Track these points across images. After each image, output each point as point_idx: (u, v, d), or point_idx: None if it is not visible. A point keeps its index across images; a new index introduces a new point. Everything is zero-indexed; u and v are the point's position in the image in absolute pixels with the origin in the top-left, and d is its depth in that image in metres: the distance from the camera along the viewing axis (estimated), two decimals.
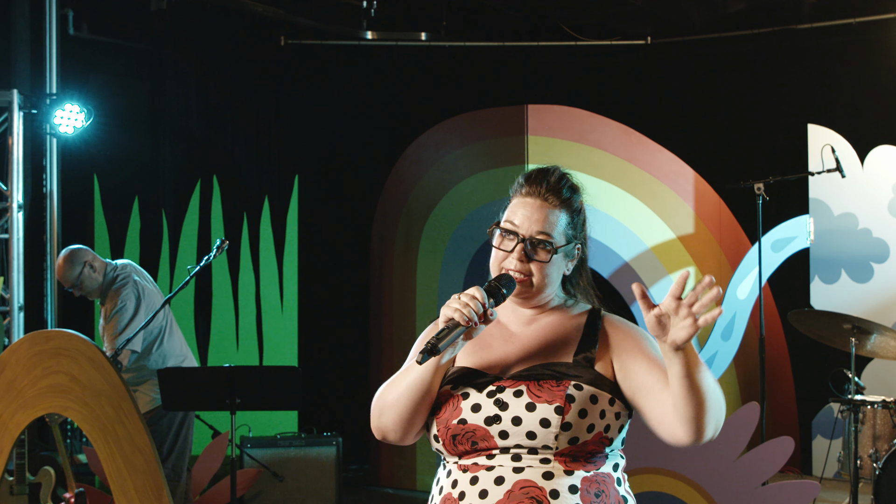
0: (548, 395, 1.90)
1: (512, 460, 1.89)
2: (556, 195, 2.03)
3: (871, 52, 7.09)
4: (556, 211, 2.02)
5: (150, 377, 4.86)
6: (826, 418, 6.65)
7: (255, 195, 7.25)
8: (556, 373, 1.94)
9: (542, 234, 2.00)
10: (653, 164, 6.82)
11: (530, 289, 2.01)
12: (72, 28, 6.92)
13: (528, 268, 2.00)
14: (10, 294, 6.02)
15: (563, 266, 2.05)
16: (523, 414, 1.89)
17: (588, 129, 6.77)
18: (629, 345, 2.00)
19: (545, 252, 1.99)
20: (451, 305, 1.91)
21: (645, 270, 6.82)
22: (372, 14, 7.07)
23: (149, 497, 2.60)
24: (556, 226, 2.01)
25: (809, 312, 5.40)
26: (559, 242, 2.01)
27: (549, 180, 2.04)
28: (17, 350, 2.70)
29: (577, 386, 1.91)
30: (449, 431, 1.93)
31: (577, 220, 2.06)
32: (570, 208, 2.05)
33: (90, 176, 6.67)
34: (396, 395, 1.98)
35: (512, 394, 1.92)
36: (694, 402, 1.83)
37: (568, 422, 1.88)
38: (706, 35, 7.69)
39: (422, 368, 1.93)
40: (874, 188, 6.59)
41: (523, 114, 6.64)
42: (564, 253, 2.03)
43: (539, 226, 2.00)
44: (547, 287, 2.02)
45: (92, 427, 2.64)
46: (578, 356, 1.97)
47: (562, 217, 2.03)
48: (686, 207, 6.86)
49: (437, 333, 1.88)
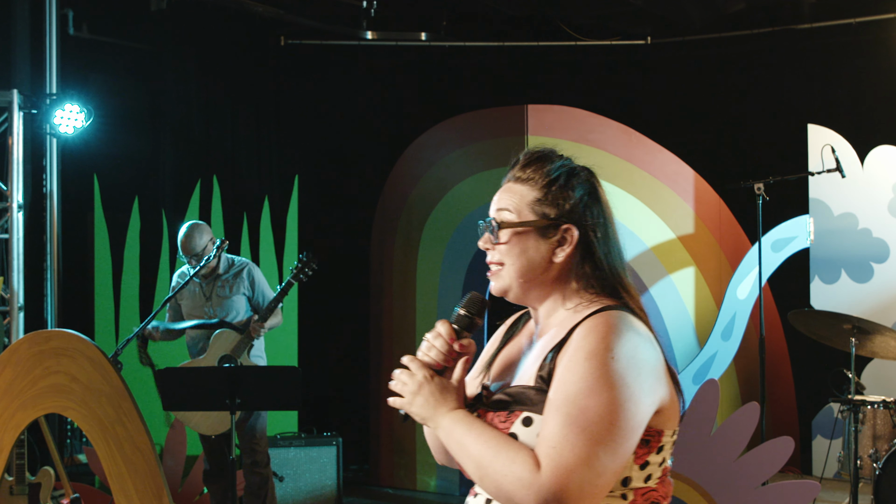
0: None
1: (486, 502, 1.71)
2: (520, 169, 1.77)
3: (871, 52, 7.09)
4: (516, 186, 1.76)
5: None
6: (826, 418, 6.65)
7: (255, 195, 7.25)
8: (512, 401, 1.67)
9: (498, 212, 1.75)
10: (653, 164, 6.82)
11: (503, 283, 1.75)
12: (72, 28, 6.91)
13: (497, 255, 1.74)
14: (10, 294, 6.02)
15: (543, 253, 1.72)
16: None
17: (588, 129, 6.77)
18: (561, 367, 1.61)
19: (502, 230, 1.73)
20: (421, 349, 1.74)
21: (645, 270, 6.82)
22: (372, 14, 7.06)
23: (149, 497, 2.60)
24: (515, 200, 1.74)
25: (809, 312, 5.40)
26: (513, 218, 1.73)
27: (518, 159, 1.79)
28: (17, 350, 2.70)
29: (526, 420, 1.62)
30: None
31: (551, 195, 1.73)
32: (538, 180, 1.74)
33: (90, 176, 6.67)
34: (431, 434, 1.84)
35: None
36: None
37: None
38: (706, 35, 7.69)
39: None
40: (874, 188, 6.59)
41: (523, 114, 6.64)
42: (538, 232, 1.72)
43: (497, 205, 1.76)
44: (522, 277, 1.73)
45: (92, 427, 2.64)
46: (539, 376, 1.66)
47: (524, 191, 1.74)
48: (686, 207, 6.86)
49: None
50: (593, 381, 1.55)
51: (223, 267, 5.21)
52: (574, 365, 1.58)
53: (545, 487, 1.52)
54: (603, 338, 1.59)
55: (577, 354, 1.59)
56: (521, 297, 1.76)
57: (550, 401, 1.58)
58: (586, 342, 1.59)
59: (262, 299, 5.20)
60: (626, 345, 1.60)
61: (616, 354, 1.57)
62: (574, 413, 1.54)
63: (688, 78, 7.88)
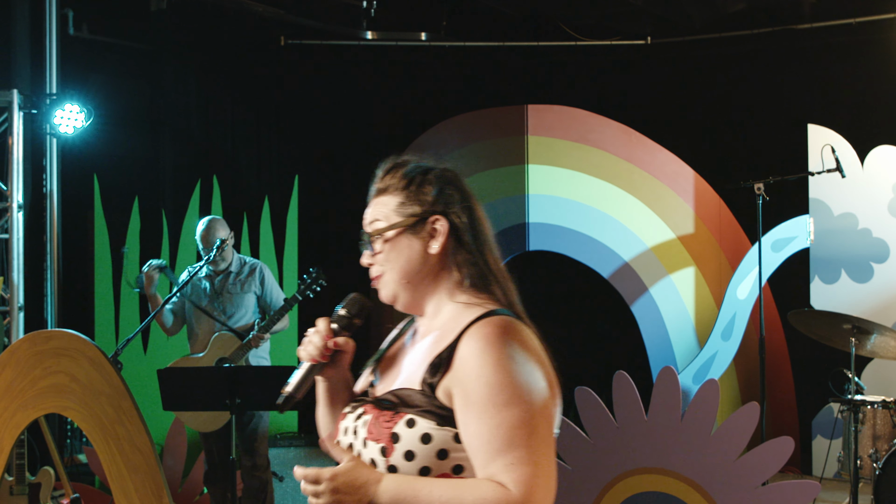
0: (377, 432, 1.69)
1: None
2: (380, 182, 1.87)
3: (871, 52, 7.09)
4: (379, 198, 1.85)
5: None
6: (826, 418, 6.64)
7: (255, 195, 7.25)
8: (397, 402, 1.71)
9: (369, 225, 1.85)
10: (653, 164, 6.82)
11: (388, 290, 1.84)
12: (72, 28, 6.92)
13: (377, 267, 1.85)
14: (10, 294, 6.02)
15: (418, 248, 1.80)
16: (362, 449, 1.73)
17: (588, 129, 6.77)
18: (470, 386, 1.65)
19: (374, 242, 1.83)
20: (302, 344, 1.85)
21: (645, 270, 6.82)
22: (372, 14, 7.06)
23: (149, 497, 2.60)
24: (381, 210, 1.83)
25: (809, 312, 5.40)
26: (390, 221, 1.81)
27: (374, 179, 1.89)
28: (17, 350, 2.70)
29: (409, 422, 1.67)
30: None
31: (412, 195, 1.81)
32: (396, 186, 1.83)
33: (90, 176, 6.67)
34: (322, 431, 1.95)
35: (362, 423, 1.75)
36: None
37: (392, 465, 1.66)
38: (706, 35, 7.69)
39: (319, 406, 1.88)
40: (874, 188, 6.59)
41: (523, 114, 6.64)
42: (409, 232, 1.80)
43: (366, 220, 1.86)
44: (405, 279, 1.81)
45: (92, 427, 2.64)
46: (424, 381, 1.71)
47: (387, 200, 1.83)
48: (686, 207, 6.86)
49: (292, 376, 1.83)
50: (512, 392, 1.62)
51: (236, 265, 5.23)
52: (481, 382, 1.63)
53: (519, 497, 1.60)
54: (499, 348, 1.65)
55: (482, 371, 1.63)
56: (408, 300, 1.83)
57: (475, 424, 1.62)
58: (484, 357, 1.64)
59: (270, 299, 5.22)
60: (521, 348, 1.67)
61: (518, 360, 1.65)
62: (509, 429, 1.61)
63: (688, 78, 7.88)
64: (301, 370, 1.84)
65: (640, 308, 6.94)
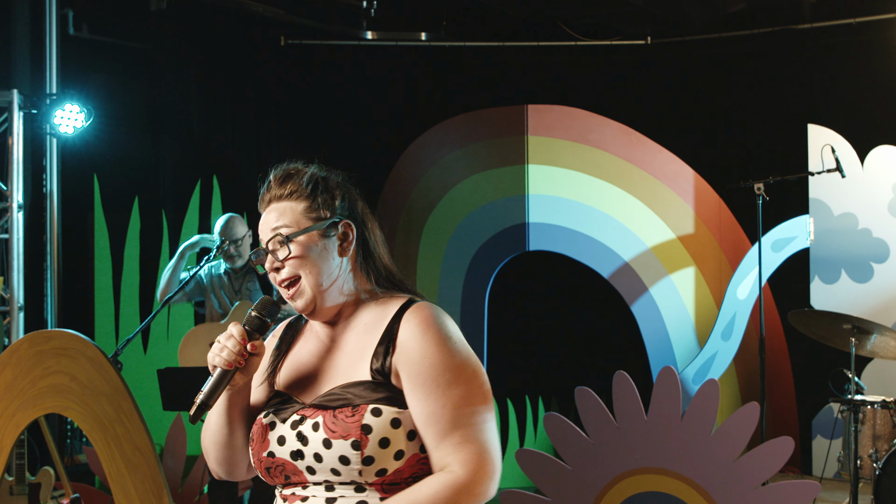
0: (342, 429, 1.71)
1: (325, 490, 1.77)
2: (278, 188, 1.88)
3: (871, 52, 7.09)
4: (281, 204, 1.86)
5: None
6: (826, 418, 6.65)
7: (255, 195, 7.23)
8: (352, 396, 1.74)
9: (275, 231, 1.83)
10: (653, 164, 6.82)
11: (307, 295, 1.82)
12: (72, 28, 6.92)
13: (289, 271, 1.82)
14: (10, 294, 6.02)
15: (332, 249, 1.84)
16: (322, 451, 1.73)
17: (588, 129, 6.77)
18: (415, 367, 1.73)
19: (284, 246, 1.81)
20: (213, 351, 1.82)
21: (645, 270, 6.82)
22: (372, 14, 7.07)
23: (149, 497, 2.60)
24: (288, 215, 1.84)
25: (809, 312, 5.40)
26: (299, 226, 1.82)
27: (269, 183, 1.90)
28: (17, 350, 2.70)
29: (374, 411, 1.71)
30: (262, 464, 1.83)
31: (317, 200, 1.86)
32: (300, 192, 1.86)
33: (90, 176, 6.67)
34: (208, 440, 1.91)
35: (311, 426, 1.75)
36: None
37: (369, 456, 1.70)
38: (706, 35, 7.69)
39: (213, 414, 1.86)
40: (874, 188, 6.59)
41: (523, 114, 6.64)
42: (320, 234, 1.83)
43: (271, 225, 1.85)
44: (322, 281, 1.82)
45: (92, 427, 2.64)
46: (374, 370, 1.76)
47: (292, 205, 1.85)
48: (686, 207, 6.86)
49: (205, 385, 1.81)
50: (455, 373, 1.73)
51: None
52: (426, 363, 1.72)
53: (467, 477, 1.69)
54: (437, 329, 1.75)
55: (425, 352, 1.73)
56: (324, 305, 1.83)
57: (423, 405, 1.71)
58: (426, 338, 1.73)
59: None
60: (454, 330, 1.78)
61: (455, 340, 1.76)
62: (453, 408, 1.71)
63: (688, 78, 7.88)
64: (214, 377, 1.81)
65: (640, 308, 6.94)
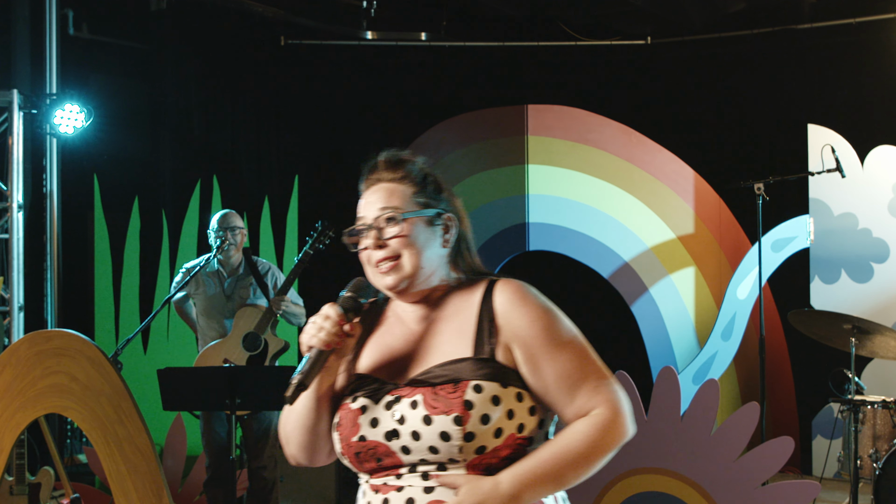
0: (444, 405, 1.72)
1: (421, 479, 1.76)
2: (389, 171, 1.91)
3: (871, 52, 7.09)
4: (392, 185, 1.89)
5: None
6: (826, 418, 6.65)
7: (255, 195, 7.25)
8: (453, 374, 1.76)
9: (385, 210, 1.86)
10: (653, 164, 6.82)
11: (404, 273, 1.84)
12: (72, 28, 6.92)
13: (392, 249, 1.84)
14: (10, 294, 6.02)
15: (435, 238, 1.87)
16: (421, 428, 1.73)
17: (588, 129, 6.78)
18: (529, 335, 1.79)
19: (395, 224, 1.84)
20: (308, 331, 1.81)
21: (645, 270, 6.82)
22: (372, 14, 7.07)
23: (149, 497, 2.60)
24: (398, 197, 1.87)
25: (809, 312, 5.40)
26: (408, 209, 1.85)
27: (377, 164, 1.94)
28: (17, 350, 2.70)
29: (476, 388, 1.73)
30: (351, 449, 1.82)
31: (427, 188, 1.89)
32: (412, 178, 1.90)
33: (90, 176, 6.67)
34: (292, 424, 1.90)
35: (409, 405, 1.76)
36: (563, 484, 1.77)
37: (470, 432, 1.71)
38: (706, 35, 7.69)
39: (300, 397, 1.82)
40: (874, 188, 6.59)
41: (523, 114, 6.64)
42: (427, 221, 1.86)
43: (380, 204, 1.87)
44: (423, 264, 1.84)
45: (92, 427, 2.64)
46: (478, 347, 1.79)
47: (403, 188, 1.88)
48: (686, 207, 6.86)
49: (301, 366, 1.78)
50: (565, 330, 1.80)
51: (245, 269, 5.16)
52: (536, 329, 1.78)
53: (613, 414, 1.77)
54: (533, 297, 1.82)
55: (533, 320, 1.78)
56: (414, 289, 1.86)
57: (550, 367, 1.77)
58: (527, 308, 1.79)
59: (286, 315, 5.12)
60: (544, 296, 1.85)
61: (550, 303, 1.83)
62: (578, 361, 1.79)
63: (688, 78, 7.88)
64: (311, 357, 1.80)
65: (640, 308, 6.94)
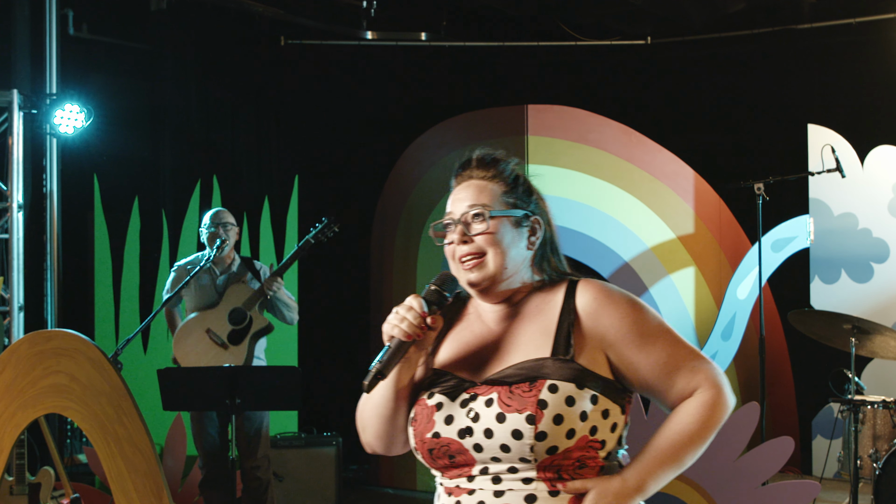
0: (518, 403, 1.73)
1: (492, 483, 1.76)
2: (481, 169, 1.91)
3: (871, 52, 7.09)
4: (482, 182, 1.89)
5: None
6: (826, 418, 6.65)
7: (255, 195, 7.25)
8: (529, 373, 1.76)
9: (473, 206, 1.86)
10: (653, 164, 6.82)
11: (488, 271, 1.83)
12: (72, 28, 6.92)
13: (477, 246, 1.84)
14: (10, 294, 6.02)
15: (521, 239, 1.87)
16: (494, 426, 1.73)
17: (588, 129, 6.77)
18: (621, 332, 1.81)
19: (482, 221, 1.84)
20: (390, 321, 1.82)
21: (645, 270, 6.82)
22: (372, 14, 7.07)
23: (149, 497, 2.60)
24: (487, 195, 1.87)
25: (809, 312, 5.40)
26: (496, 207, 1.85)
27: (470, 161, 1.94)
28: (17, 350, 2.70)
29: (551, 387, 1.73)
30: (425, 445, 1.81)
31: (517, 189, 1.90)
32: (503, 177, 1.90)
33: (90, 176, 6.67)
34: (369, 412, 1.92)
35: (484, 403, 1.76)
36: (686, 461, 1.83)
37: (542, 431, 1.70)
38: (706, 35, 7.69)
39: (380, 387, 1.82)
40: (874, 188, 6.59)
41: (523, 114, 6.64)
42: (514, 221, 1.86)
43: (469, 200, 1.87)
44: (507, 264, 1.84)
45: (92, 427, 2.64)
46: (557, 348, 1.79)
47: (493, 187, 1.89)
48: (686, 207, 6.86)
49: (381, 355, 1.78)
50: (653, 320, 1.84)
51: (238, 267, 5.15)
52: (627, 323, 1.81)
53: (715, 391, 1.80)
54: (616, 293, 1.84)
55: (621, 317, 1.81)
56: (497, 288, 1.86)
57: (648, 358, 1.80)
58: (612, 306, 1.81)
59: (276, 301, 5.12)
60: (623, 289, 1.88)
61: (632, 295, 1.87)
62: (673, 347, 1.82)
63: (688, 78, 7.88)
64: (391, 347, 1.79)
65: None
